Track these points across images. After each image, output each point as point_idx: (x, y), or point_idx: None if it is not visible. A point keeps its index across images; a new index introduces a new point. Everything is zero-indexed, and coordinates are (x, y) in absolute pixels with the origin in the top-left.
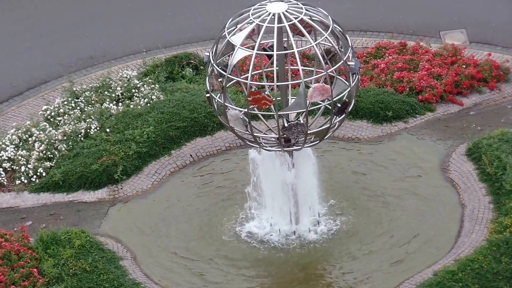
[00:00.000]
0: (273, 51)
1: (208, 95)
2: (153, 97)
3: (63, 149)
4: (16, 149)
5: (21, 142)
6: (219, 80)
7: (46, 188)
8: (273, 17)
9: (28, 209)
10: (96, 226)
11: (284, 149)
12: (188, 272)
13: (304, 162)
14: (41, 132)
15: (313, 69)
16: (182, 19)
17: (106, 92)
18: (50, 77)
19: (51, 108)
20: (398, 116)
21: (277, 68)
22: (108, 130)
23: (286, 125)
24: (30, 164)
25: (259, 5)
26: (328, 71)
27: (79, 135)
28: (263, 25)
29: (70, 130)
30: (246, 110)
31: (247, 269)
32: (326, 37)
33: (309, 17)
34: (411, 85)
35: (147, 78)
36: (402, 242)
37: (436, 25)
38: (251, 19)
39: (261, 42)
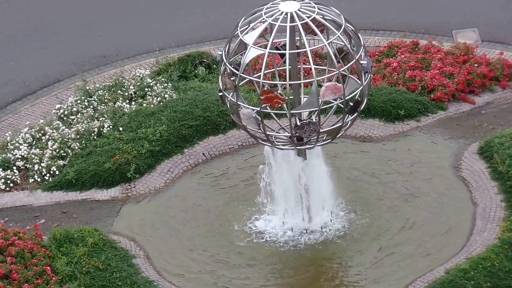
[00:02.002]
0: (285, 50)
1: (220, 94)
2: (166, 96)
3: (76, 147)
4: (29, 147)
5: (34, 141)
6: (232, 79)
7: (59, 187)
8: (285, 16)
9: (42, 207)
10: (109, 224)
11: (297, 147)
12: (201, 270)
13: (315, 161)
14: (54, 131)
15: (325, 68)
16: (195, 18)
17: (119, 91)
18: (63, 76)
19: (64, 107)
20: (410, 114)
21: (290, 67)
22: (121, 128)
23: (298, 123)
24: (43, 162)
25: (272, 4)
26: (340, 70)
27: (92, 134)
28: (275, 24)
29: (83, 129)
30: (258, 109)
31: (259, 267)
32: (338, 36)
33: (321, 16)
34: (423, 84)
35: (160, 77)
36: (413, 240)
37: (448, 24)
38: (263, 18)
39: (273, 41)
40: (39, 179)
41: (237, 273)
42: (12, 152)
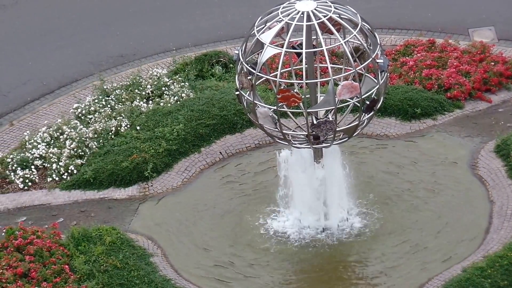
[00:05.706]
0: (302, 49)
1: (237, 93)
2: (183, 95)
3: (94, 146)
4: (47, 147)
5: (52, 140)
6: (249, 78)
7: (77, 186)
8: (302, 15)
9: (60, 206)
10: (127, 223)
11: (313, 146)
12: (218, 268)
13: (332, 159)
14: (72, 130)
15: (342, 66)
16: (212, 18)
17: (136, 90)
18: (81, 75)
19: (82, 106)
20: (426, 113)
21: (306, 66)
22: (138, 127)
23: (315, 122)
24: (61, 161)
25: (288, 4)
26: (357, 69)
27: (110, 133)
28: (292, 23)
29: (100, 128)
30: (275, 107)
31: (276, 265)
32: (355, 35)
33: (338, 15)
34: (440, 82)
35: (177, 76)
36: (430, 238)
37: (464, 22)
38: (280, 18)
39: (290, 40)
40: (57, 178)
41: (253, 272)
42: (30, 151)
